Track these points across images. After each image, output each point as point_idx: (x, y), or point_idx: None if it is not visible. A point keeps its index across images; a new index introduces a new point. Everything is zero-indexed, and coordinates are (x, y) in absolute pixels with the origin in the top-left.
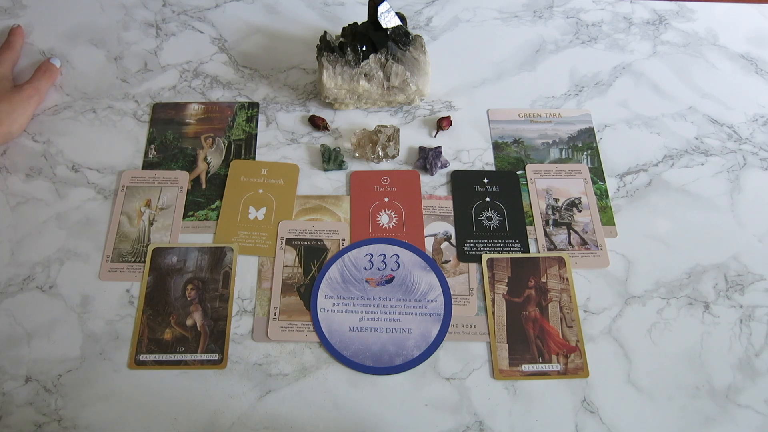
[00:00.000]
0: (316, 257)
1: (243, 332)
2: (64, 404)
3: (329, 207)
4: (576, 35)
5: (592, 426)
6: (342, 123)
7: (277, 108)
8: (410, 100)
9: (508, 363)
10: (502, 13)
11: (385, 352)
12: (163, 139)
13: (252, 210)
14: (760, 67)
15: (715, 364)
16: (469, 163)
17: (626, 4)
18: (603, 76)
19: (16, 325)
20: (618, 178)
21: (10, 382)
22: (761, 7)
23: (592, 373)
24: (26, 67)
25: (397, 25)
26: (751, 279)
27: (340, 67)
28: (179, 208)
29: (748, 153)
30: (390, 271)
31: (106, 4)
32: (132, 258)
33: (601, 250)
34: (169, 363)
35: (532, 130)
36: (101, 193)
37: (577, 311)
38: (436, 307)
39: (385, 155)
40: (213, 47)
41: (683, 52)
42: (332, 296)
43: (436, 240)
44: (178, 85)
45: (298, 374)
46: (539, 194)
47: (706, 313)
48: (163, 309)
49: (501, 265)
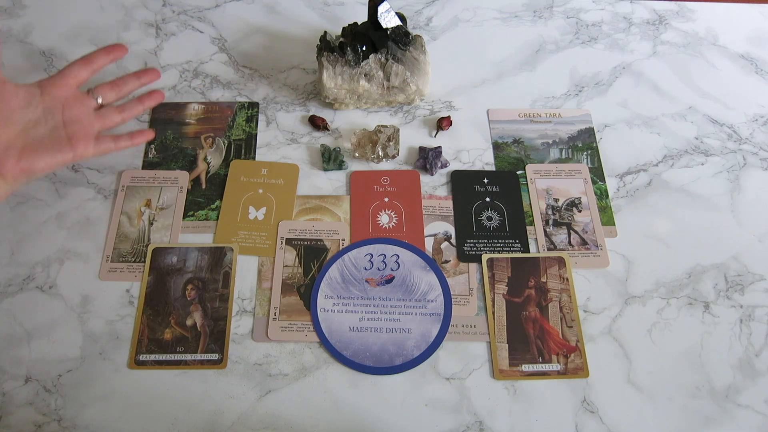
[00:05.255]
0: (316, 257)
1: (243, 332)
2: (64, 404)
3: (329, 207)
4: (576, 35)
5: (592, 426)
6: (342, 123)
7: (277, 108)
8: (410, 100)
9: (508, 363)
10: (502, 13)
11: (385, 352)
12: (163, 139)
13: (252, 210)
14: (760, 67)
15: (715, 364)
16: (469, 163)
17: (626, 4)
18: (603, 76)
19: (16, 325)
20: (618, 178)
21: (10, 382)
22: (761, 7)
23: (592, 373)
24: (27, 67)
25: (397, 25)
26: (751, 279)
27: (340, 67)
28: (179, 208)
29: (748, 153)
30: (390, 271)
31: (106, 4)
32: (132, 258)
33: (601, 250)
34: (169, 363)
35: (532, 130)
36: (101, 193)
37: (577, 311)
38: (436, 307)
39: (385, 155)
40: (213, 47)
41: (683, 52)
42: (332, 296)
43: (436, 240)
44: (178, 85)
45: (298, 374)
46: (539, 194)
47: (706, 313)
48: (163, 309)
49: (501, 265)
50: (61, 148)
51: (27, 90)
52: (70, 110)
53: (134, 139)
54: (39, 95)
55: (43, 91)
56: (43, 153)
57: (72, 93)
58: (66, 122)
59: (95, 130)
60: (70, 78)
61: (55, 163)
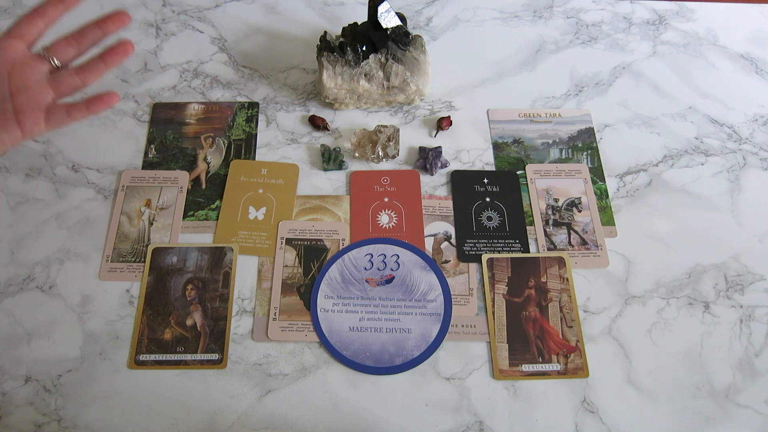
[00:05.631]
0: (316, 257)
1: (243, 332)
2: (64, 404)
3: (329, 207)
4: (576, 35)
5: (592, 426)
6: (342, 123)
7: (277, 108)
8: (410, 100)
9: (508, 363)
10: (502, 13)
11: (385, 352)
12: (163, 139)
13: (252, 210)
14: (760, 67)
15: (715, 364)
16: (469, 163)
17: (626, 4)
18: (603, 76)
19: (16, 325)
20: (618, 178)
21: (10, 382)
22: (761, 7)
23: (592, 373)
24: None
25: (397, 25)
26: (751, 279)
27: (340, 67)
28: (179, 208)
29: (748, 153)
30: (390, 271)
31: (106, 4)
32: (132, 258)
33: (601, 250)
34: (169, 363)
35: (532, 130)
36: (101, 193)
37: (577, 311)
38: (436, 307)
39: (385, 155)
40: (213, 47)
41: (683, 52)
42: (332, 296)
43: (436, 240)
44: (178, 85)
45: (298, 374)
46: (539, 194)
47: (706, 313)
48: (163, 309)
49: (501, 265)
50: (6, 126)
51: None
52: (17, 77)
53: (92, 106)
54: None
55: None
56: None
57: (20, 55)
58: (13, 92)
59: (48, 99)
60: (17, 37)
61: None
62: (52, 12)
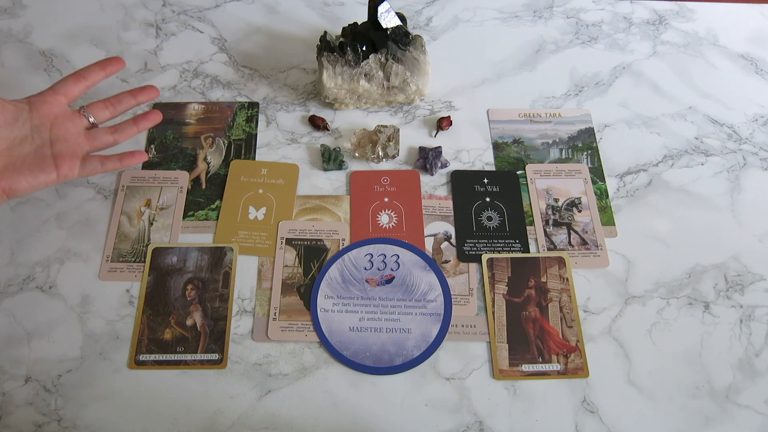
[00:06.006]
0: (316, 257)
1: (243, 332)
2: (64, 404)
3: (329, 207)
4: (576, 35)
5: (592, 426)
6: (342, 123)
7: (277, 108)
8: (410, 100)
9: (508, 363)
10: (502, 13)
11: (385, 352)
12: (163, 138)
13: (252, 210)
14: (760, 67)
15: (715, 364)
16: (469, 163)
17: (626, 4)
18: (603, 76)
19: (16, 325)
20: (618, 178)
21: (10, 382)
22: (761, 7)
23: (592, 373)
24: (27, 67)
25: (397, 25)
26: (751, 279)
27: (340, 67)
28: (179, 208)
29: (748, 153)
30: (390, 271)
31: (106, 4)
32: (132, 258)
33: (601, 250)
34: (169, 363)
35: (532, 130)
36: (101, 193)
37: (577, 311)
38: (436, 307)
39: (385, 155)
40: (213, 47)
41: (683, 52)
42: (332, 296)
43: (436, 240)
44: (178, 85)
45: (298, 374)
46: (539, 194)
47: (706, 313)
48: (163, 309)
49: (501, 265)
50: (44, 168)
51: (15, 106)
52: (58, 129)
53: (124, 161)
54: (27, 112)
55: (32, 108)
56: (26, 173)
57: (62, 110)
58: (53, 141)
59: (83, 150)
60: (61, 94)
61: (38, 183)
62: (94, 76)
